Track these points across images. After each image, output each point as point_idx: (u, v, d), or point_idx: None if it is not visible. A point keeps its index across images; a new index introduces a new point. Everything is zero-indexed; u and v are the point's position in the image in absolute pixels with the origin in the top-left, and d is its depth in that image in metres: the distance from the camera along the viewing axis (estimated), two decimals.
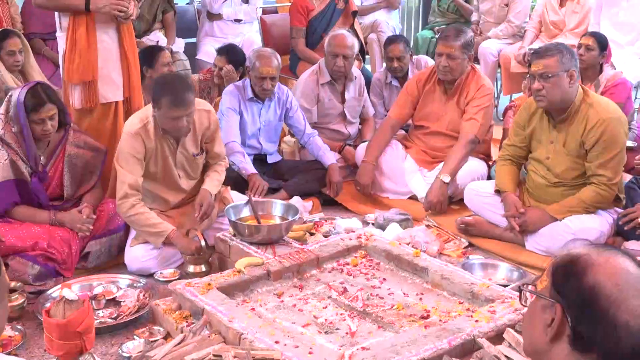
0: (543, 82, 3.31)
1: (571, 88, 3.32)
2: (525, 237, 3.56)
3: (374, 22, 6.48)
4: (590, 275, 1.30)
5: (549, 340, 1.34)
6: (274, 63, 4.19)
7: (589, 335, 1.28)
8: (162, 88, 3.24)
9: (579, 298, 1.30)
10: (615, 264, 1.32)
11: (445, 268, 3.04)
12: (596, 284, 1.29)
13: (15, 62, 4.78)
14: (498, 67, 6.29)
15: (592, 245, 1.39)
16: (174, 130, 3.31)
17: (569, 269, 1.34)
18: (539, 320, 1.37)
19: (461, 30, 4.25)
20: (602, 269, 1.31)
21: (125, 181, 3.26)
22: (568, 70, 3.29)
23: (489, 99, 4.25)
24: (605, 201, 3.44)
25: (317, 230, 3.76)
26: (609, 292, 1.28)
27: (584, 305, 1.29)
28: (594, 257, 1.33)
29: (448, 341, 2.43)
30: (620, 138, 3.36)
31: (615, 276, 1.30)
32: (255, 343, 2.41)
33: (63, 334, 2.25)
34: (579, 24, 5.93)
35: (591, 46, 4.45)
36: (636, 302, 1.28)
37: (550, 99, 3.34)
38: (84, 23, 3.44)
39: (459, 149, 4.11)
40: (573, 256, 1.35)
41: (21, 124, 3.23)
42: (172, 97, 3.19)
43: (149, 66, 4.39)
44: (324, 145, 4.39)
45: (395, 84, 5.01)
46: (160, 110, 3.23)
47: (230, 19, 6.28)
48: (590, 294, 1.29)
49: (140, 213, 3.26)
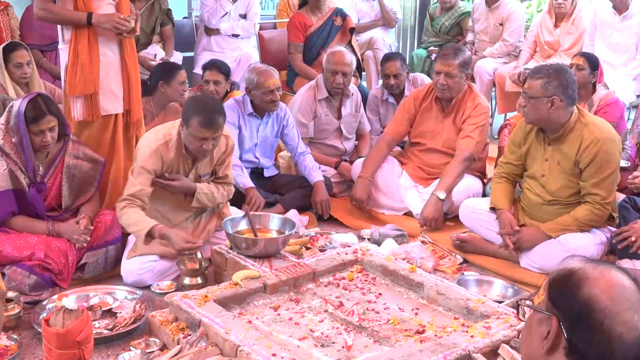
0: (525, 101, 3.41)
1: (552, 114, 3.35)
2: (519, 255, 3.58)
3: (371, 39, 6.54)
4: (585, 289, 1.34)
5: (545, 353, 1.37)
6: (275, 74, 4.26)
7: (583, 347, 1.31)
8: (194, 108, 3.28)
9: (574, 310, 1.33)
10: (610, 278, 1.35)
11: (441, 284, 3.06)
12: (591, 297, 1.33)
13: (23, 74, 4.76)
14: (493, 85, 6.36)
15: (588, 260, 1.41)
16: (198, 151, 3.35)
17: (564, 283, 1.38)
18: (536, 334, 1.40)
19: (459, 49, 4.30)
20: (597, 283, 1.34)
21: (129, 188, 3.30)
22: (550, 97, 3.32)
23: (485, 117, 4.29)
24: (599, 220, 3.47)
25: (313, 244, 3.77)
26: (603, 305, 1.31)
27: (579, 318, 1.32)
28: (589, 271, 1.36)
29: (444, 356, 2.44)
30: (614, 158, 3.40)
31: (610, 289, 1.33)
32: (252, 355, 2.42)
33: (62, 343, 2.26)
34: (573, 44, 6.01)
35: (581, 65, 4.51)
36: (630, 314, 1.32)
37: (529, 118, 3.45)
38: (86, 36, 3.46)
39: (455, 166, 4.15)
40: (569, 270, 1.39)
41: (21, 134, 3.25)
42: (203, 118, 3.22)
43: (165, 82, 4.42)
44: (315, 164, 4.42)
45: (392, 101, 5.06)
46: (189, 129, 3.26)
47: (227, 33, 6.34)
48: (586, 307, 1.32)
49: (126, 213, 3.25)
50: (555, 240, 3.47)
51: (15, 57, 4.73)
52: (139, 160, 3.34)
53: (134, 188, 3.29)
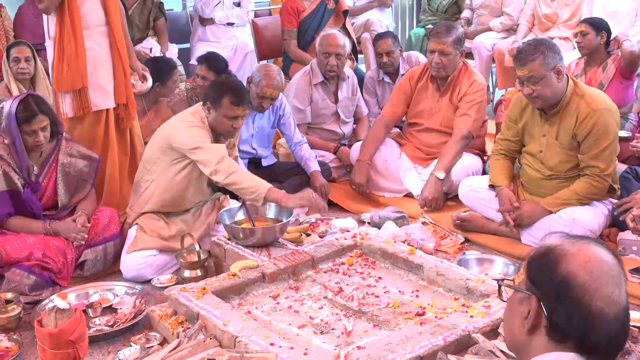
0: (532, 86, 3.31)
1: (560, 82, 3.31)
2: (520, 231, 3.55)
3: (367, 21, 6.48)
4: (563, 265, 1.31)
5: (527, 333, 1.34)
6: (278, 84, 4.16)
7: (564, 324, 1.29)
8: (221, 89, 3.39)
9: (553, 288, 1.31)
10: (588, 253, 1.32)
11: (441, 264, 3.04)
12: (569, 273, 1.30)
13: (19, 69, 4.78)
14: (492, 61, 6.29)
15: (568, 236, 1.38)
16: (228, 132, 3.44)
17: (542, 261, 1.35)
18: (517, 314, 1.38)
19: (452, 27, 4.25)
20: (575, 258, 1.31)
21: (216, 151, 3.29)
22: (554, 68, 3.27)
23: (482, 94, 4.24)
24: (599, 192, 3.43)
25: (314, 231, 3.75)
26: (582, 281, 1.29)
27: (558, 295, 1.29)
28: (567, 247, 1.33)
29: (443, 337, 2.43)
30: (611, 128, 3.35)
31: (588, 264, 1.30)
32: (250, 346, 2.40)
33: (55, 343, 2.25)
34: (571, 16, 5.93)
35: (585, 31, 4.51)
36: (610, 289, 1.29)
37: (544, 99, 3.34)
38: (71, 31, 3.43)
39: (453, 145, 4.11)
40: (546, 247, 1.36)
41: (13, 135, 3.23)
42: (235, 97, 3.35)
43: (161, 82, 4.41)
44: (311, 153, 4.38)
45: (387, 81, 5.03)
46: (220, 110, 3.35)
47: (222, 22, 6.30)
48: (564, 283, 1.29)
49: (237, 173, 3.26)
50: (555, 214, 3.43)
51: (13, 52, 4.78)
52: (190, 136, 3.33)
53: (217, 147, 3.31)
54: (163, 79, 4.44)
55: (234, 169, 3.27)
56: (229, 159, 3.32)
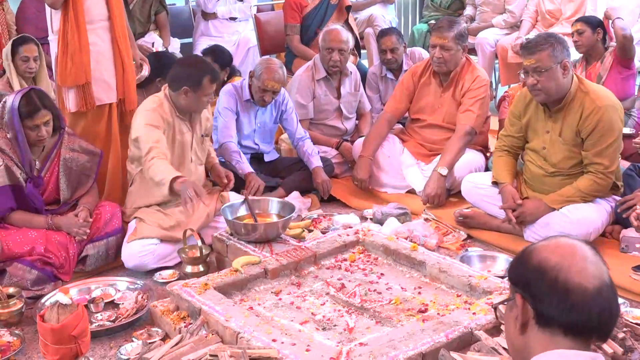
0: (537, 76, 3.29)
1: (565, 78, 3.30)
2: (523, 228, 3.54)
3: (370, 16, 6.47)
4: (534, 256, 1.36)
5: (520, 332, 1.38)
6: (280, 77, 4.15)
7: (549, 310, 1.32)
8: (200, 70, 3.46)
9: (529, 278, 1.35)
10: (558, 241, 1.38)
11: (443, 261, 3.03)
12: (541, 260, 1.35)
13: (28, 68, 4.78)
14: (495, 57, 6.28)
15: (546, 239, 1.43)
16: (203, 107, 3.54)
17: (517, 261, 1.41)
18: (510, 321, 1.42)
19: (454, 22, 4.24)
20: (546, 247, 1.37)
21: (148, 140, 3.30)
22: (561, 62, 3.26)
23: (485, 90, 4.23)
24: (603, 189, 3.42)
25: (316, 227, 3.75)
26: (554, 263, 1.33)
27: (535, 282, 1.34)
28: (539, 244, 1.39)
29: (446, 334, 2.42)
30: (616, 125, 3.33)
31: (558, 249, 1.35)
32: (252, 342, 2.40)
33: (57, 338, 2.25)
34: (575, 12, 5.92)
35: (581, 29, 4.53)
36: (585, 264, 1.32)
37: (546, 92, 3.32)
38: (75, 26, 3.43)
39: (456, 141, 4.10)
40: (521, 251, 1.42)
41: (16, 130, 3.23)
42: (212, 75, 3.47)
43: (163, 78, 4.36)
44: (313, 149, 4.37)
45: (390, 77, 5.02)
46: (198, 91, 3.42)
47: (225, 17, 6.28)
48: (538, 270, 1.34)
49: (154, 163, 3.25)
50: (558, 212, 3.42)
51: (22, 50, 4.76)
52: (139, 122, 3.37)
53: (150, 138, 3.30)
54: (165, 73, 4.41)
55: (154, 161, 3.25)
56: (151, 153, 3.27)
